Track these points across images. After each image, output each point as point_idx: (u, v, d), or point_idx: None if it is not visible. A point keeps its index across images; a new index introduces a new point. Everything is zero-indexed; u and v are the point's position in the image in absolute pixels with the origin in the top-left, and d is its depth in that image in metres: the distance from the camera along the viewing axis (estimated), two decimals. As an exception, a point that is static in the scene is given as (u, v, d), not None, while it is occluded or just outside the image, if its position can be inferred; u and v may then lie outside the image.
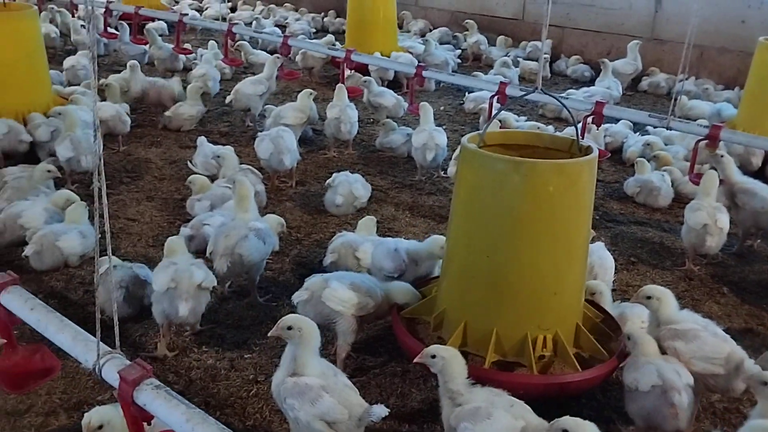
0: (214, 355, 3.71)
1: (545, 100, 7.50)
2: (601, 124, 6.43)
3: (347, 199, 5.40)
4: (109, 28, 10.09)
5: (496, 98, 6.80)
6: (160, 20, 11.23)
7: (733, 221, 4.88)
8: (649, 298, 3.38)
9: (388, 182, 6.25)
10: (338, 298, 3.45)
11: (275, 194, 5.79)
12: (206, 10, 13.93)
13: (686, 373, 3.05)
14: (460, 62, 10.70)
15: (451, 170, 6.13)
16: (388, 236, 4.62)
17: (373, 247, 4.19)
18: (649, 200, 5.96)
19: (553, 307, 3.30)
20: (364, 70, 8.83)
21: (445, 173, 6.33)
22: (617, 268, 4.47)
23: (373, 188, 5.75)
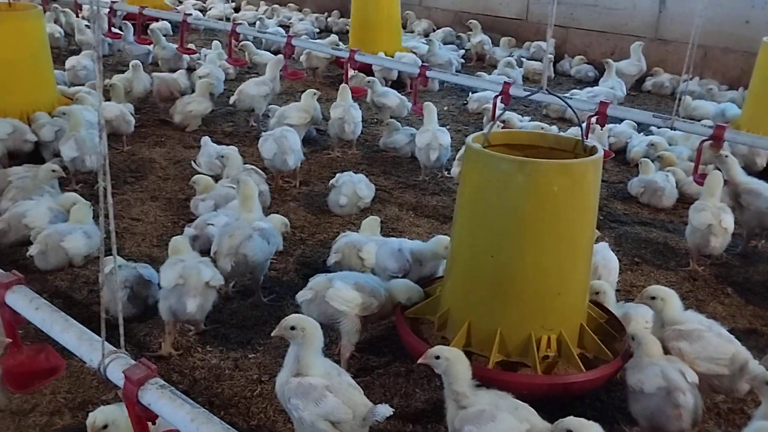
0: (218, 354, 3.72)
1: (550, 100, 7.50)
2: (605, 124, 6.41)
3: (351, 199, 5.40)
4: (113, 28, 10.10)
5: (499, 98, 6.79)
6: (164, 20, 11.24)
7: (737, 222, 4.86)
8: (653, 298, 3.38)
9: (391, 182, 6.25)
10: (342, 297, 3.45)
11: (279, 194, 5.80)
12: (210, 10, 13.95)
13: (691, 373, 3.05)
14: (463, 62, 10.71)
15: (454, 170, 6.14)
16: (391, 236, 4.62)
17: (376, 247, 4.19)
18: (653, 200, 5.96)
19: (557, 307, 3.29)
20: (368, 70, 8.84)
21: (448, 173, 6.33)
22: (621, 268, 4.46)
23: (376, 188, 5.75)
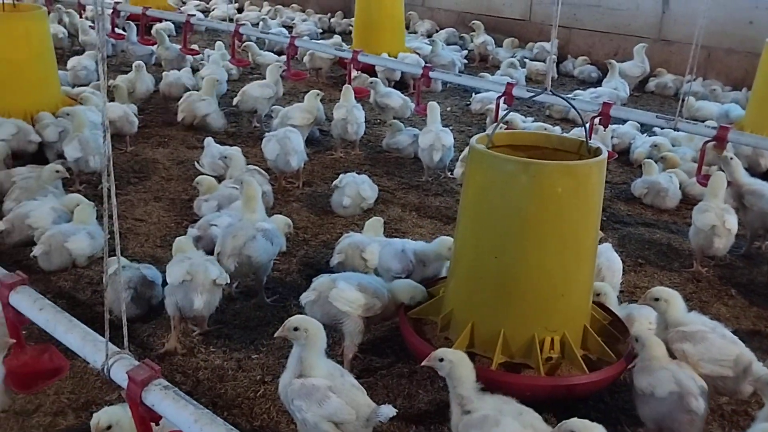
0: (221, 355, 3.72)
1: (553, 101, 7.49)
2: (608, 125, 6.40)
3: (354, 200, 5.40)
4: (116, 28, 10.11)
5: (502, 99, 6.79)
6: (167, 21, 11.26)
7: (741, 223, 4.85)
8: (656, 300, 3.37)
9: (394, 183, 6.25)
10: (345, 298, 3.45)
11: (282, 195, 5.80)
12: (213, 10, 13.96)
13: (699, 378, 3.03)
14: (466, 63, 10.70)
15: (457, 171, 6.13)
16: (394, 237, 4.62)
17: (380, 248, 4.19)
18: (656, 201, 5.94)
19: (560, 308, 3.29)
20: (371, 70, 8.84)
21: (451, 174, 6.32)
22: (625, 269, 4.45)
23: (379, 189, 5.74)
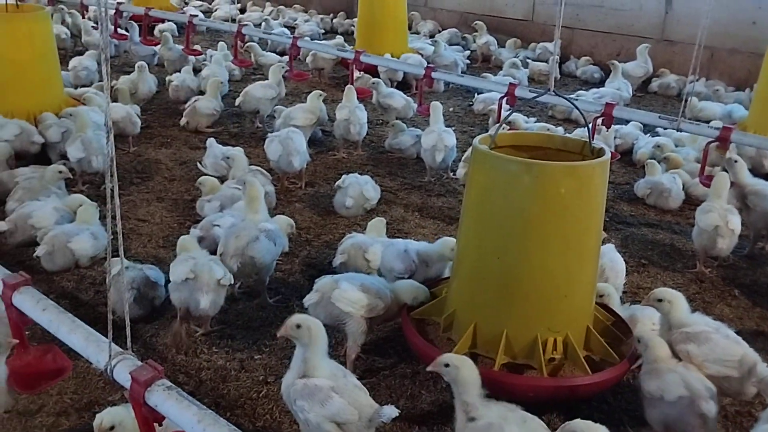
0: (224, 356, 3.72)
1: (556, 101, 7.48)
2: (611, 125, 6.40)
3: (357, 201, 5.39)
4: (119, 29, 10.13)
5: (505, 99, 6.79)
6: (169, 21, 11.27)
7: (744, 223, 4.84)
8: (660, 300, 3.36)
9: (397, 183, 6.25)
10: (348, 299, 3.44)
11: (285, 195, 5.80)
12: (216, 11, 13.98)
13: (707, 380, 3.02)
14: (469, 63, 10.70)
15: (460, 172, 6.12)
16: (397, 238, 4.61)
17: (382, 248, 4.18)
18: (659, 202, 5.93)
19: (563, 309, 3.28)
20: (373, 71, 8.84)
21: (454, 174, 6.32)
22: (628, 270, 4.45)
23: (382, 189, 5.74)
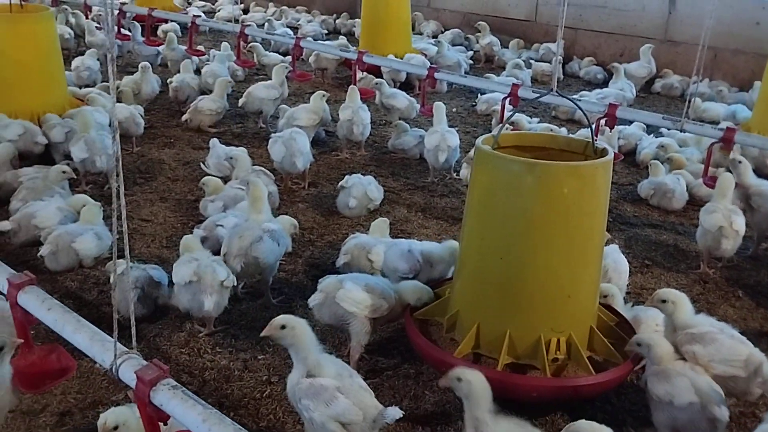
0: (227, 356, 3.72)
1: (559, 102, 7.48)
2: (614, 126, 6.39)
3: (361, 201, 5.39)
4: (122, 29, 10.14)
5: (508, 100, 6.79)
6: (172, 22, 11.28)
7: (748, 224, 4.83)
8: (664, 301, 3.36)
9: (400, 184, 6.25)
10: (352, 299, 3.45)
11: (288, 195, 5.80)
12: (219, 11, 13.98)
13: (715, 383, 3.00)
14: (472, 64, 10.70)
15: (463, 172, 6.13)
16: (400, 238, 4.62)
17: (386, 248, 4.19)
18: (663, 203, 5.93)
19: (566, 309, 3.28)
20: (376, 71, 8.85)
21: (457, 175, 6.32)
22: (631, 270, 4.45)
23: (385, 190, 5.75)
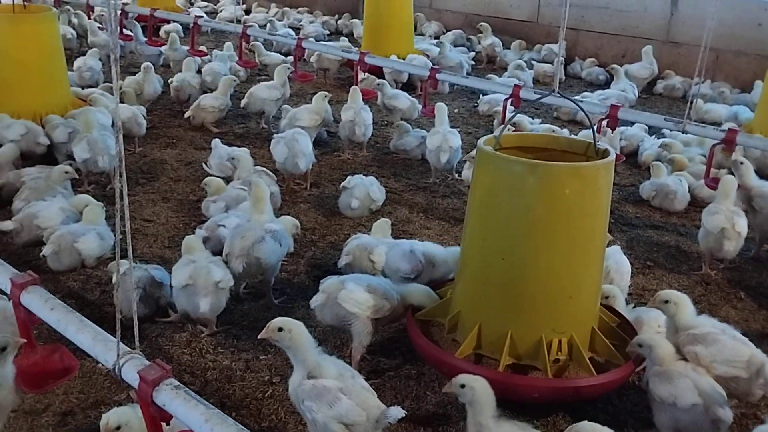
0: (229, 356, 3.73)
1: (561, 103, 7.48)
2: (616, 127, 6.39)
3: (363, 202, 5.39)
4: (124, 30, 10.15)
5: (510, 101, 6.78)
6: (174, 22, 11.29)
7: (750, 225, 4.83)
8: (666, 302, 3.36)
9: (402, 184, 6.25)
10: (355, 299, 3.45)
11: (290, 196, 5.81)
12: (221, 12, 13.99)
13: (717, 384, 3.00)
14: (474, 65, 10.70)
15: (465, 173, 6.13)
16: (402, 239, 4.61)
17: (388, 249, 4.19)
18: (665, 204, 5.92)
19: (568, 310, 3.28)
20: (378, 72, 8.85)
21: (459, 176, 6.32)
22: (633, 272, 4.44)
23: (387, 190, 5.74)
